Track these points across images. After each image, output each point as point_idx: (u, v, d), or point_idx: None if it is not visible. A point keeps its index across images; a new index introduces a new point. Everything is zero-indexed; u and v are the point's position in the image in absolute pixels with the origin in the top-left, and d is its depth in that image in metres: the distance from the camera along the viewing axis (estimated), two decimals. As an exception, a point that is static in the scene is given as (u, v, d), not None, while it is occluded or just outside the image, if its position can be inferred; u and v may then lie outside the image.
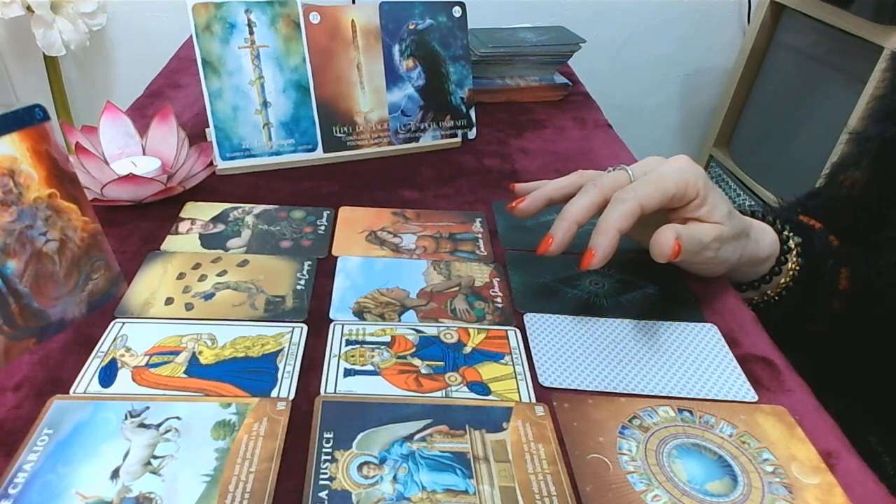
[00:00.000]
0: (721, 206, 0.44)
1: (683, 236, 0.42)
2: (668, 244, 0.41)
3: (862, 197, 0.55)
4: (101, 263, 0.42)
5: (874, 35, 1.10)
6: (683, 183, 0.43)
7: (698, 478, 0.35)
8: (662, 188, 0.42)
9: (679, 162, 0.45)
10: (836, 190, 0.58)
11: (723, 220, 0.44)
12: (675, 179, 0.42)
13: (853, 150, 0.57)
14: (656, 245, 0.41)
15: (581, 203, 0.44)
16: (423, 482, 0.34)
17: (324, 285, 0.48)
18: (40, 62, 1.41)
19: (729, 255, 0.46)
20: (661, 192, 0.42)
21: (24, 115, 0.36)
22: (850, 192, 0.56)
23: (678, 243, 0.41)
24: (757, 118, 1.49)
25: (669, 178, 0.42)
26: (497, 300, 0.48)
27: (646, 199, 0.42)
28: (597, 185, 0.44)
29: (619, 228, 0.41)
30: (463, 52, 0.71)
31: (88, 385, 0.38)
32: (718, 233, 0.44)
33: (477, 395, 0.39)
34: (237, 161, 0.63)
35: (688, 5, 1.52)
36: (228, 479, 0.33)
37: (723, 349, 0.44)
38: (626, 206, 0.41)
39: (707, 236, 0.43)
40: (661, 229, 0.42)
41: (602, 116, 0.85)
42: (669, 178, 0.42)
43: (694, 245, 0.43)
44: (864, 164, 0.55)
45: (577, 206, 0.44)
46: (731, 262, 0.47)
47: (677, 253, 0.41)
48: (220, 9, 0.60)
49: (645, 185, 0.42)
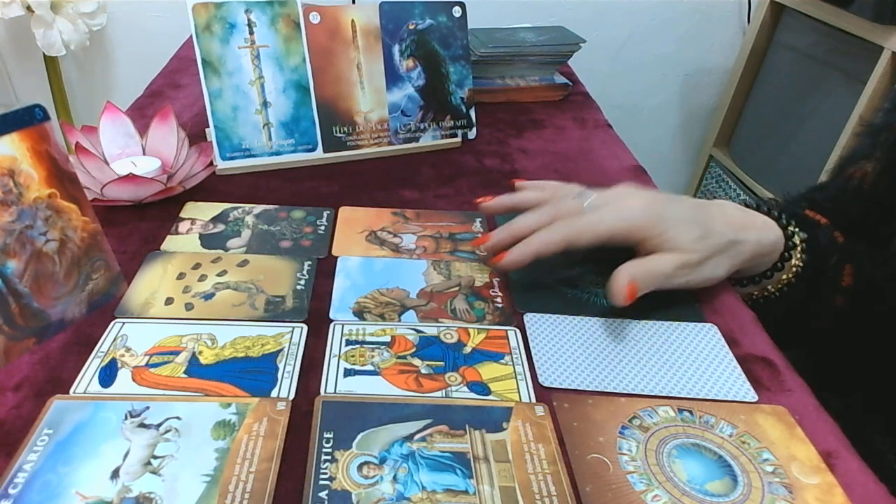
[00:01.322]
0: (686, 234, 0.45)
1: (639, 275, 0.44)
2: (621, 293, 0.43)
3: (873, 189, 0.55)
4: (101, 263, 0.42)
5: (874, 35, 1.10)
6: (624, 229, 0.45)
7: (698, 478, 0.35)
8: (594, 232, 0.45)
9: (633, 202, 0.46)
10: (846, 182, 0.58)
11: (689, 246, 0.45)
12: (612, 225, 0.45)
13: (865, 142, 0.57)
14: (610, 292, 0.44)
15: (529, 221, 0.48)
16: (423, 482, 0.34)
17: (324, 285, 0.48)
18: (40, 62, 1.41)
19: (712, 271, 0.47)
20: (591, 234, 0.45)
21: (24, 115, 0.36)
22: (860, 184, 0.56)
23: (631, 287, 0.43)
24: (757, 118, 1.49)
25: (605, 223, 0.45)
26: (497, 300, 0.48)
27: (574, 237, 0.45)
28: (552, 210, 0.48)
29: (537, 252, 0.46)
30: (463, 52, 0.71)
31: (88, 385, 0.38)
32: (682, 261, 0.45)
33: (477, 395, 0.39)
34: (237, 161, 0.63)
35: (688, 5, 1.52)
36: (228, 479, 0.33)
37: (723, 349, 0.44)
38: (552, 237, 0.46)
39: (668, 267, 0.45)
40: (614, 274, 0.44)
41: (602, 116, 0.85)
42: (605, 223, 0.45)
43: (655, 278, 0.44)
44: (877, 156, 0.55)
45: (523, 224, 0.48)
46: (719, 275, 0.48)
47: (632, 296, 0.43)
48: (220, 9, 0.60)
49: (580, 225, 0.46)
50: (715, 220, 0.47)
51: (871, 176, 0.55)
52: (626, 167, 0.70)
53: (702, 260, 0.46)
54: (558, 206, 0.48)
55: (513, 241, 0.48)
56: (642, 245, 0.46)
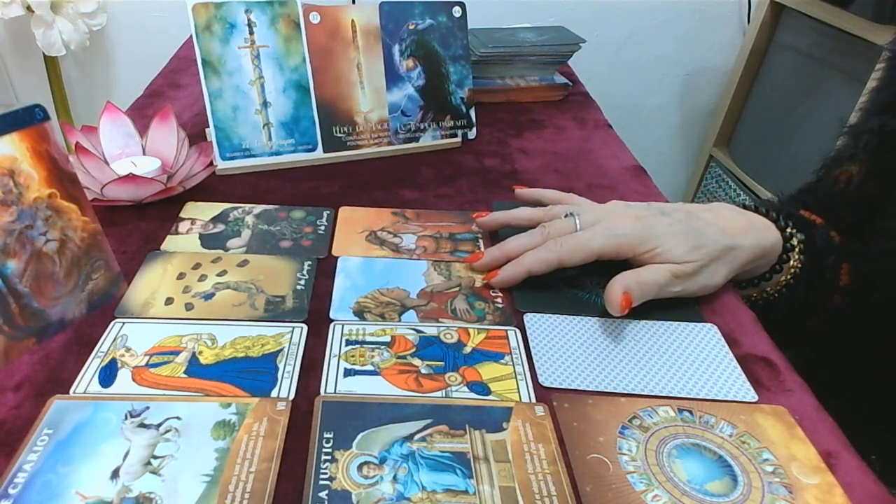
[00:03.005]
0: (677, 248, 0.46)
1: (633, 286, 0.44)
2: (617, 302, 0.44)
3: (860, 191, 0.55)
4: (101, 263, 0.42)
5: (874, 35, 1.10)
6: (614, 247, 0.46)
7: (698, 478, 0.35)
8: (586, 250, 0.46)
9: (622, 221, 0.47)
10: (832, 185, 0.58)
11: (681, 259, 0.46)
12: (603, 244, 0.46)
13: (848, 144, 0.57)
14: (607, 302, 0.45)
15: (521, 243, 0.49)
16: (423, 482, 0.34)
17: (324, 285, 0.48)
18: (40, 62, 1.41)
19: (708, 279, 0.47)
20: (583, 253, 0.46)
21: (24, 115, 0.36)
22: (846, 187, 0.56)
23: (626, 298, 0.44)
24: (757, 118, 1.49)
25: (597, 242, 0.46)
26: (497, 300, 0.48)
27: (567, 256, 0.46)
28: (544, 232, 0.49)
29: (529, 270, 0.47)
30: (463, 52, 0.71)
31: (88, 385, 0.38)
32: (675, 272, 0.46)
33: (477, 395, 0.39)
34: (237, 161, 0.63)
35: (688, 5, 1.52)
36: (228, 479, 0.33)
37: (723, 349, 0.44)
38: (546, 256, 0.47)
39: (662, 277, 0.45)
40: (610, 284, 0.45)
41: (602, 116, 0.85)
42: (597, 242, 0.46)
43: (649, 289, 0.45)
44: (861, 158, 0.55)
45: (516, 245, 0.49)
46: (716, 283, 0.48)
47: (627, 306, 0.44)
48: (220, 9, 0.60)
49: (572, 244, 0.47)
50: (709, 227, 0.47)
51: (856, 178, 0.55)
52: (626, 167, 0.70)
53: (696, 270, 0.46)
54: (550, 225, 0.49)
55: (505, 259, 0.49)
56: (634, 260, 0.47)
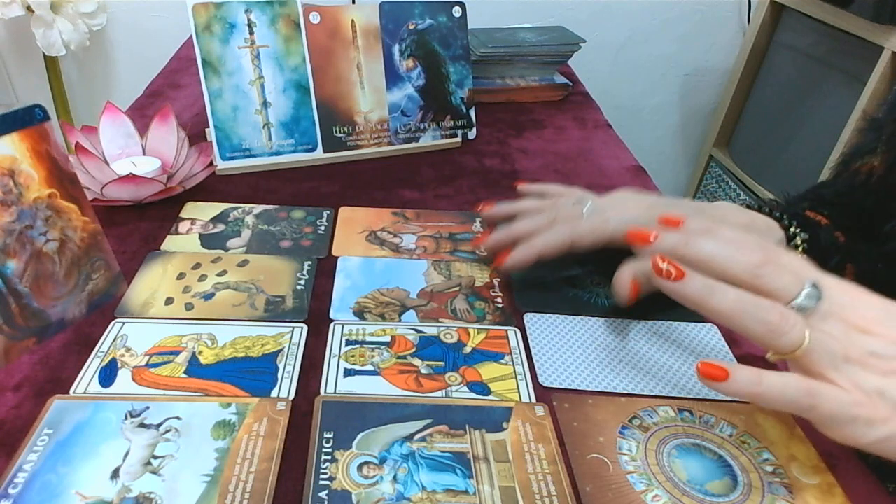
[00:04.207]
0: None
1: (641, 274, 0.44)
2: (624, 290, 0.43)
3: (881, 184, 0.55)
4: (101, 263, 0.42)
5: (874, 35, 1.10)
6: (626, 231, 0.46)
7: (698, 478, 0.35)
8: (599, 232, 0.45)
9: (635, 205, 0.47)
10: (852, 178, 0.58)
11: None
12: (617, 227, 0.45)
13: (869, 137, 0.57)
14: (614, 289, 0.44)
15: (529, 224, 0.48)
16: (423, 482, 0.34)
17: (324, 285, 0.48)
18: (40, 62, 1.41)
19: None
20: (595, 236, 0.46)
21: (24, 115, 0.36)
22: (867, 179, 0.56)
23: (635, 284, 0.43)
24: (757, 118, 1.49)
25: (611, 225, 0.45)
26: (497, 300, 0.48)
27: (578, 237, 0.46)
28: (551, 215, 0.48)
29: (540, 252, 0.46)
30: (463, 52, 0.71)
31: (88, 385, 0.38)
32: None
33: (477, 395, 0.39)
34: (237, 161, 0.63)
35: (688, 5, 1.52)
36: (228, 479, 0.33)
37: (723, 349, 0.44)
38: (557, 237, 0.46)
39: None
40: (619, 272, 0.44)
41: (602, 116, 0.85)
42: (611, 225, 0.45)
43: None
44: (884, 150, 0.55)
45: (524, 227, 0.48)
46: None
47: (635, 293, 0.43)
48: (220, 9, 0.60)
49: (585, 227, 0.46)
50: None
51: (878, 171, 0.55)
52: (626, 167, 0.70)
53: None
54: (557, 210, 0.49)
55: (512, 242, 0.48)
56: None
